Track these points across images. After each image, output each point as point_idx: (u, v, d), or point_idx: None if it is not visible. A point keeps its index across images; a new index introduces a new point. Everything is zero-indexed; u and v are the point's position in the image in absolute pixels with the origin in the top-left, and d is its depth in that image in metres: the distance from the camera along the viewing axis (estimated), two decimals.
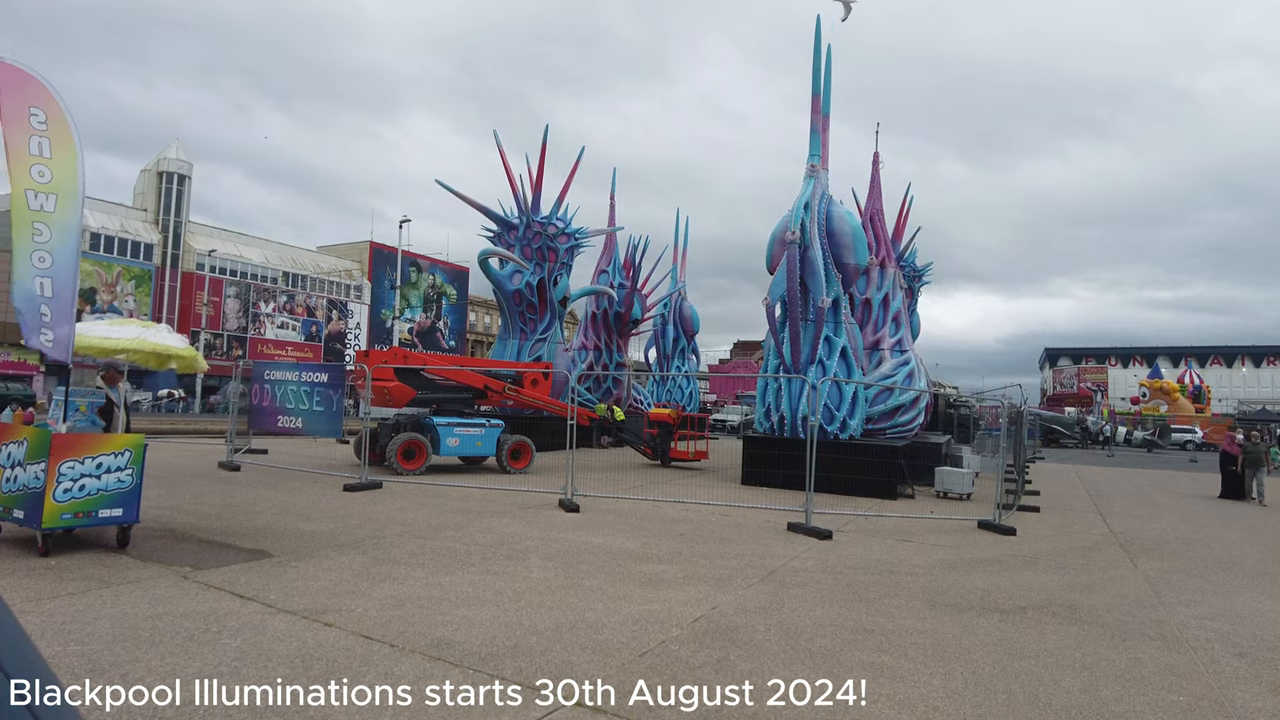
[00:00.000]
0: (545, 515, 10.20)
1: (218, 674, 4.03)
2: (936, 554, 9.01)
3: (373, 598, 5.76)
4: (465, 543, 8.11)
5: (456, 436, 14.72)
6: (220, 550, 7.18)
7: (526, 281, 22.62)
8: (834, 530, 9.91)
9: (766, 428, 15.99)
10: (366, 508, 10.16)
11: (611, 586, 6.49)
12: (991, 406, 32.13)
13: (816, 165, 16.42)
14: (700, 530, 9.64)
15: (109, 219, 52.64)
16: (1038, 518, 12.97)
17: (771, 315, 15.76)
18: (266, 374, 13.40)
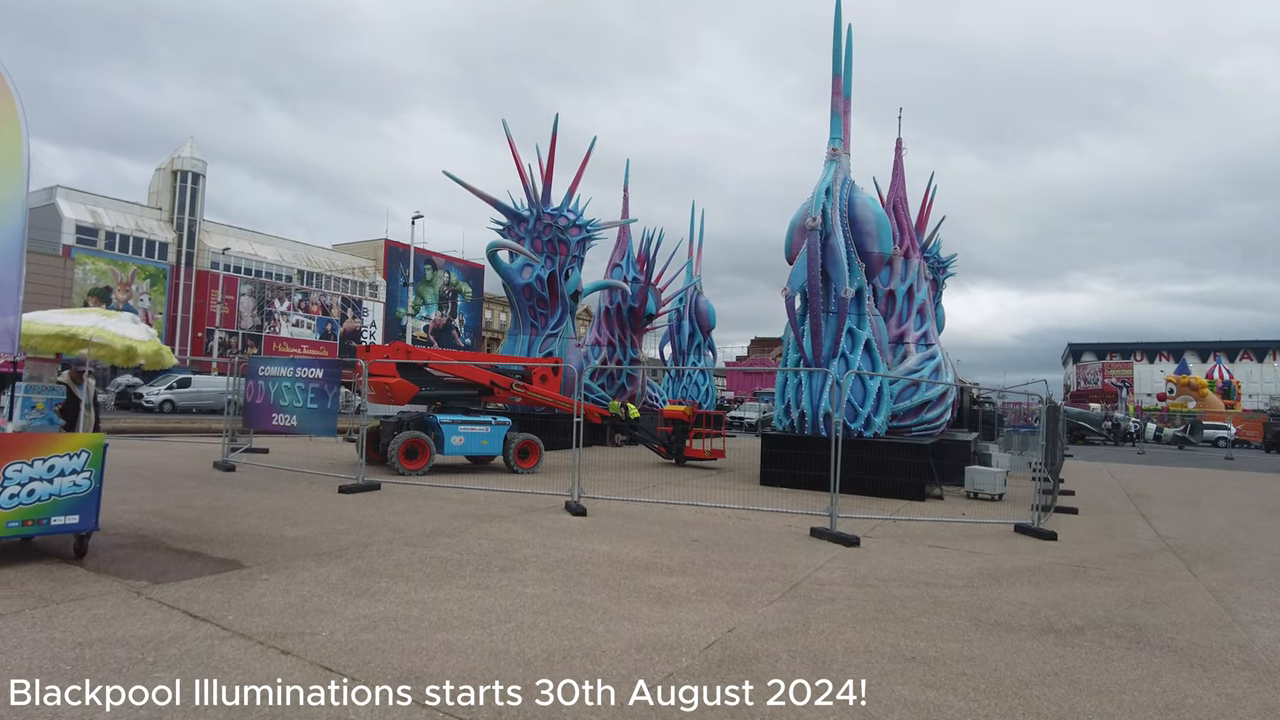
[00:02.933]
0: (549, 519, 9.51)
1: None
2: (974, 562, 8.24)
3: (344, 617, 5.10)
4: (459, 551, 7.44)
5: (461, 435, 14.08)
6: (187, 560, 6.55)
7: (537, 275, 21.96)
8: (861, 536, 9.15)
9: (786, 425, 15.22)
10: (359, 511, 9.53)
11: (615, 604, 5.78)
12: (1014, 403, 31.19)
13: (838, 149, 15.62)
14: (716, 536, 8.92)
15: (124, 218, 52.67)
16: (1077, 520, 12.13)
17: (791, 306, 14.97)
18: (261, 370, 12.81)
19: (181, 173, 55.95)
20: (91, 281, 49.50)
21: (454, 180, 21.23)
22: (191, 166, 56.25)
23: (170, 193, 55.98)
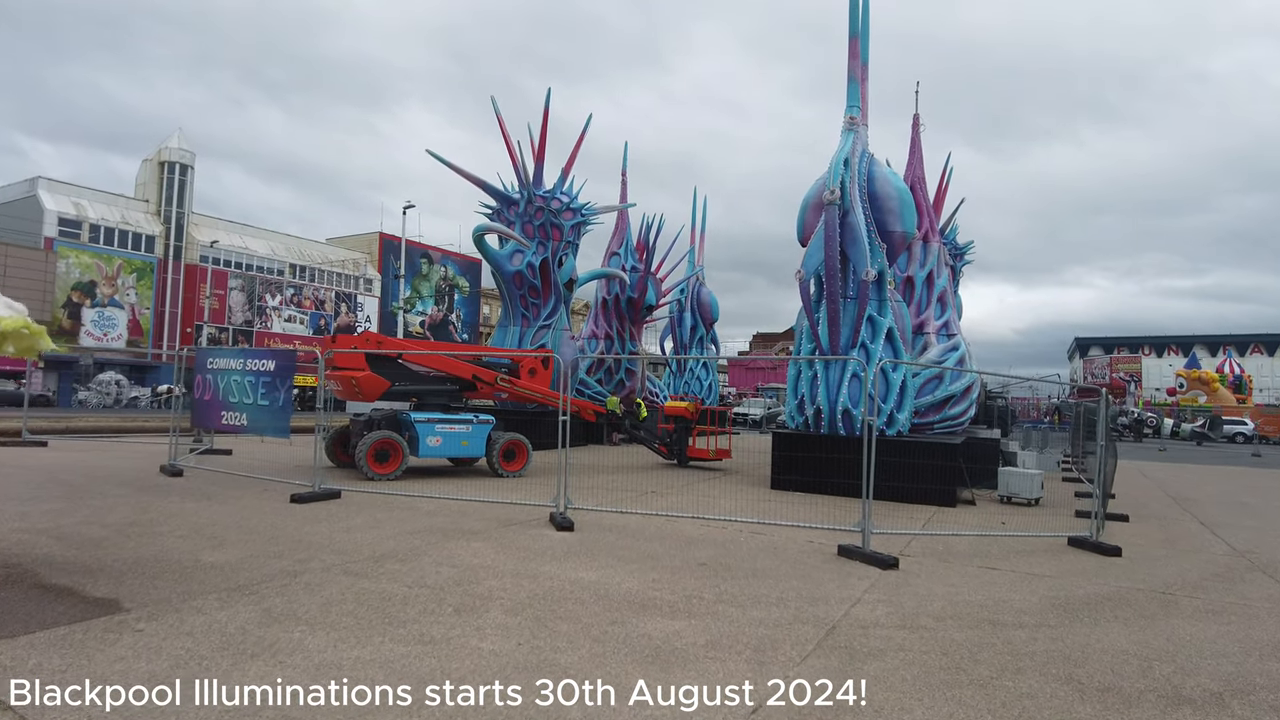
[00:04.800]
0: (529, 536, 8.06)
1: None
2: (1038, 589, 6.79)
3: (214, 698, 3.65)
4: (408, 582, 5.99)
5: (438, 435, 12.63)
6: (51, 601, 5.10)
7: (528, 262, 20.43)
8: (897, 554, 7.70)
9: (799, 423, 13.75)
10: (305, 527, 8.08)
11: (597, 666, 4.33)
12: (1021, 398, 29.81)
13: (856, 118, 14.12)
14: (727, 557, 7.46)
15: (108, 210, 51.16)
16: (1131, 529, 10.72)
17: (805, 291, 13.49)
18: (210, 363, 11.35)
19: (169, 164, 54.34)
20: (75, 275, 48.01)
21: (438, 159, 19.70)
22: (179, 158, 54.67)
23: (157, 184, 54.39)
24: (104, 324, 49.23)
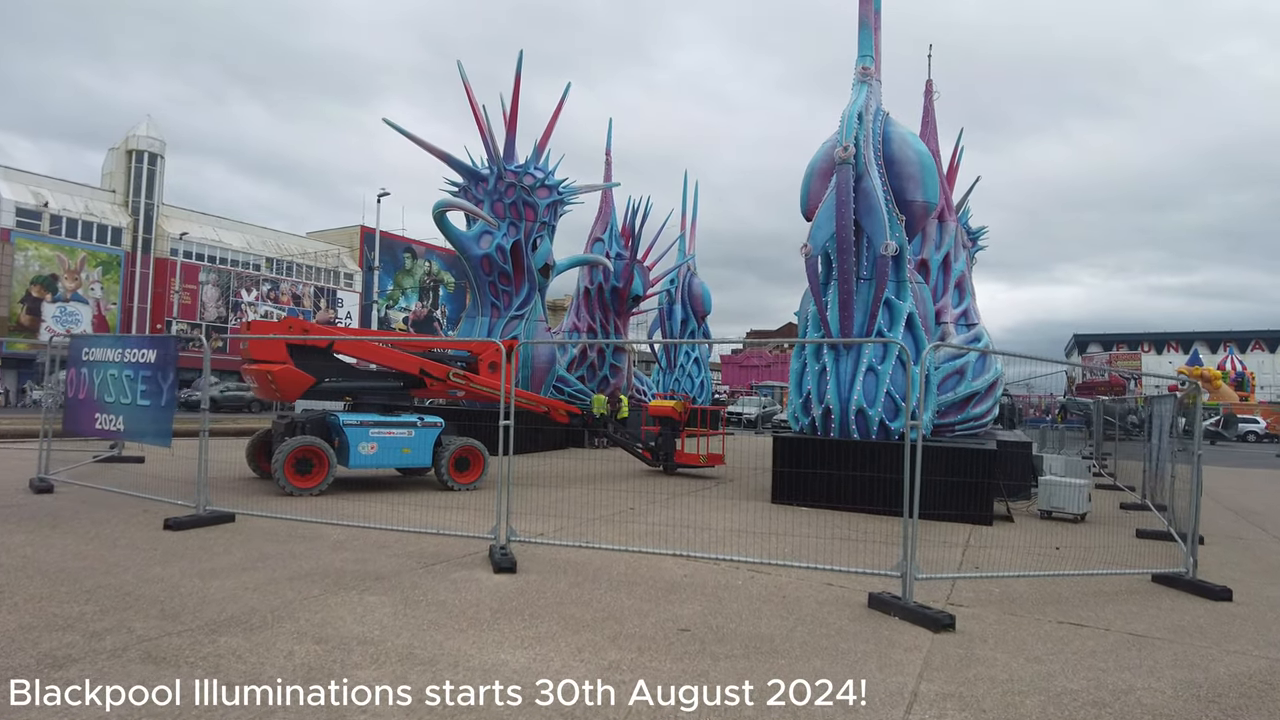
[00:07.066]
0: (451, 583, 5.97)
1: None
2: (1159, 663, 4.79)
3: None
4: (233, 675, 3.91)
5: (373, 441, 10.53)
6: None
7: (498, 245, 18.29)
8: (945, 605, 5.69)
9: (805, 424, 11.71)
10: (152, 569, 5.99)
11: None
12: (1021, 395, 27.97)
13: (869, 68, 12.10)
14: (718, 616, 5.40)
15: (71, 200, 48.72)
16: (1214, 554, 8.86)
17: (813, 269, 11.45)
18: (85, 353, 9.23)
19: (137, 153, 51.85)
20: (35, 269, 45.62)
21: (394, 129, 17.55)
22: (148, 146, 52.20)
23: (125, 174, 51.92)
24: (66, 319, 46.76)
